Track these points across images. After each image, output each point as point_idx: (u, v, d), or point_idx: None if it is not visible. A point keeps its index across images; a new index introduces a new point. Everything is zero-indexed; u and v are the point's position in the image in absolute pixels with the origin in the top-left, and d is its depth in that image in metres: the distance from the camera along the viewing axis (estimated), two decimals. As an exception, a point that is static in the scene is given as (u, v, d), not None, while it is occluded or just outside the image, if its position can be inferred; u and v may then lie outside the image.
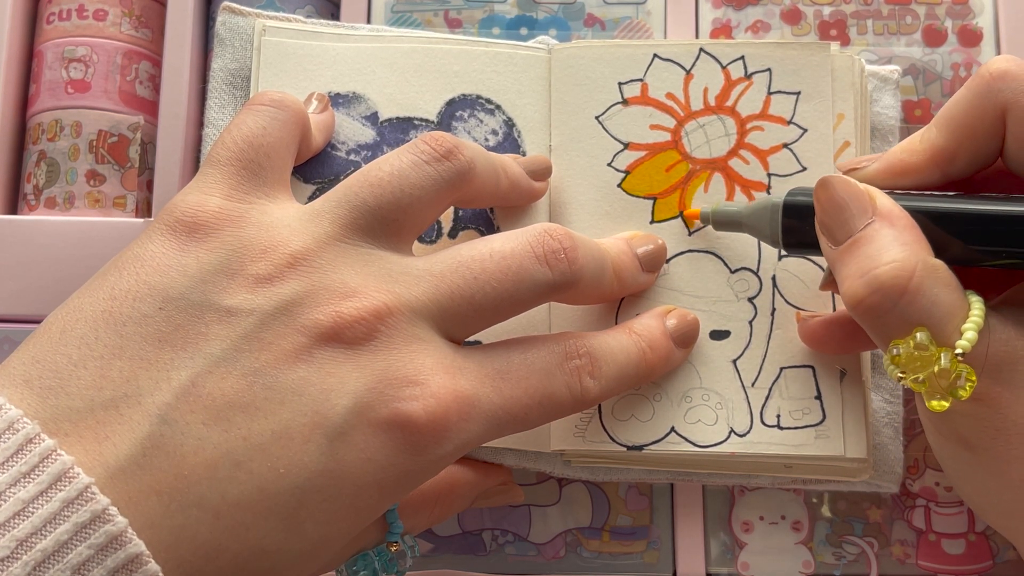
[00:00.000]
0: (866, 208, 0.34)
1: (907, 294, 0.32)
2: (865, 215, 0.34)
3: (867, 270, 0.33)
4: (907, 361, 0.32)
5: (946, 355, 0.32)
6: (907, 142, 0.37)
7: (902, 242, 0.33)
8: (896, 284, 0.32)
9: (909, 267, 0.32)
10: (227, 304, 0.31)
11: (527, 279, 0.34)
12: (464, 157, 0.35)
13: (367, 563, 0.37)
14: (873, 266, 0.33)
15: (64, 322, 0.30)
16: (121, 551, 0.27)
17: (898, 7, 0.48)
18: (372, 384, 0.31)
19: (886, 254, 0.33)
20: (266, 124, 0.35)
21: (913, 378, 0.32)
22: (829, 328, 0.40)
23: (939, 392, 0.32)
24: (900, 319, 0.32)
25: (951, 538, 0.44)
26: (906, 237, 0.33)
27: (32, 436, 0.27)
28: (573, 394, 0.35)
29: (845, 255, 0.34)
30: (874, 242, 0.33)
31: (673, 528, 0.44)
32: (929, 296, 0.32)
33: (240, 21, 0.44)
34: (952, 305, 0.32)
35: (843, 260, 0.34)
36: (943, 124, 0.36)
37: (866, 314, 0.33)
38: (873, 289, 0.32)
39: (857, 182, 0.35)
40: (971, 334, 0.32)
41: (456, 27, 0.48)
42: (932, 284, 0.32)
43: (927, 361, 0.32)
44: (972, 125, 0.35)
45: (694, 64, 0.43)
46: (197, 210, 0.33)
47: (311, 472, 0.30)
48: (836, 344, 0.40)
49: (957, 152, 0.36)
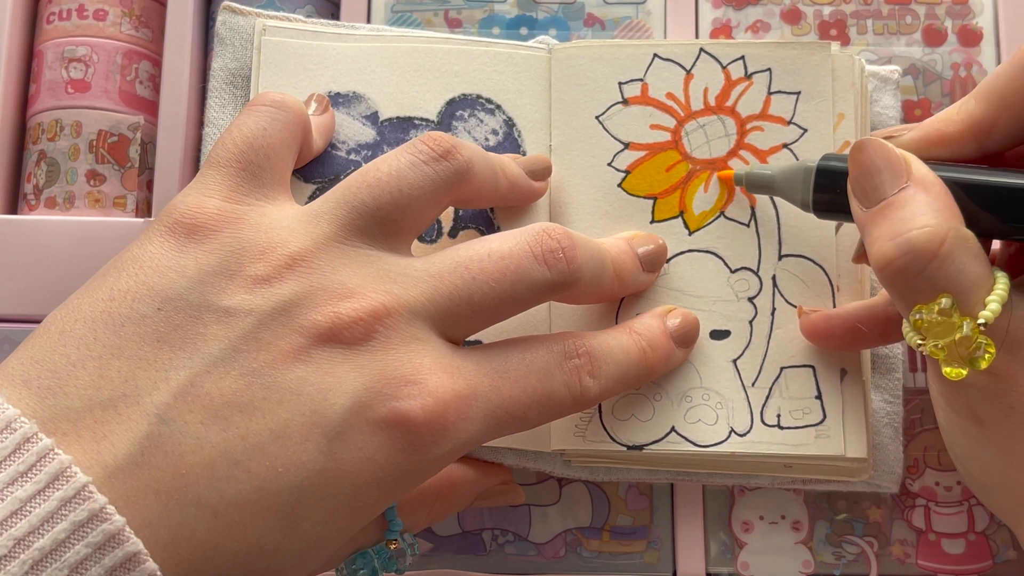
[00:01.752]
0: (901, 173, 0.34)
1: (936, 259, 0.32)
2: (900, 179, 0.34)
3: (899, 233, 0.32)
4: (929, 326, 0.32)
5: (968, 324, 0.32)
6: (945, 112, 0.37)
7: (935, 208, 0.33)
8: (927, 248, 0.32)
9: (941, 233, 0.32)
10: (225, 305, 0.31)
11: (525, 279, 0.34)
12: (462, 157, 0.35)
13: (366, 561, 0.37)
14: (905, 229, 0.32)
15: (63, 322, 0.30)
16: (119, 550, 0.27)
17: (898, 7, 0.47)
18: (370, 384, 0.31)
19: (919, 218, 0.32)
20: (266, 125, 0.35)
21: (933, 344, 0.32)
22: (830, 323, 0.40)
23: (957, 360, 0.32)
24: (927, 284, 0.32)
25: (951, 538, 0.44)
26: (939, 204, 0.33)
27: (30, 435, 0.27)
28: (572, 394, 0.35)
29: (877, 217, 0.34)
30: (907, 206, 0.33)
31: (673, 528, 0.44)
32: (958, 264, 0.32)
33: (240, 20, 0.44)
34: (979, 276, 0.32)
35: (874, 222, 0.34)
36: (983, 95, 0.36)
37: (894, 276, 0.33)
38: (904, 251, 0.32)
39: (894, 147, 0.35)
40: (995, 306, 0.31)
41: (456, 27, 0.48)
42: (962, 253, 0.32)
43: (949, 328, 0.32)
44: (1011, 97, 0.35)
45: (694, 64, 0.43)
46: (196, 211, 0.33)
47: (309, 471, 0.30)
48: (837, 340, 0.40)
49: (995, 124, 0.36)
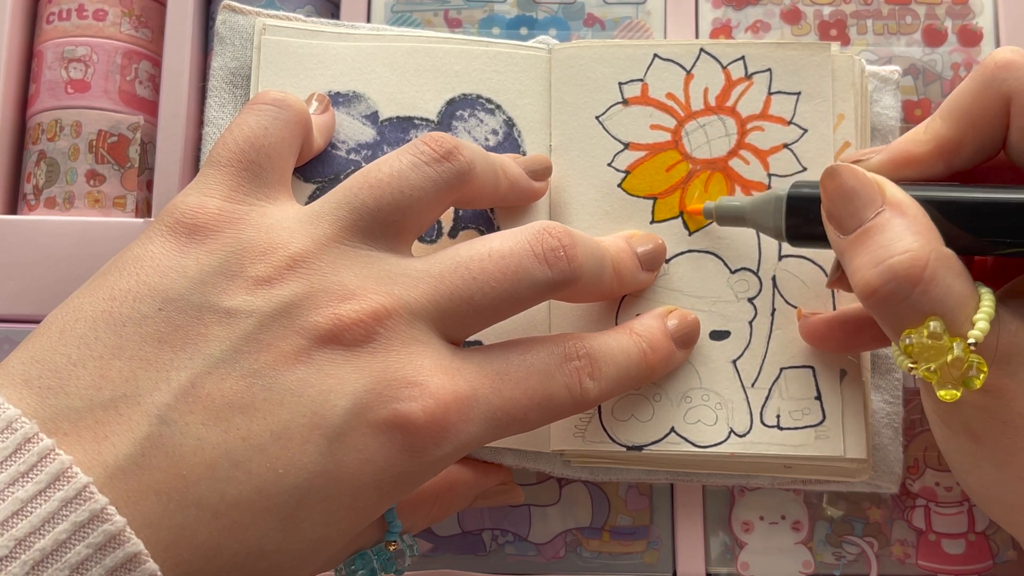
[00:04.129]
0: (875, 197, 0.34)
1: (921, 283, 0.32)
2: (875, 204, 0.34)
3: (881, 260, 0.32)
4: (920, 350, 0.32)
5: (959, 345, 0.31)
6: (911, 133, 0.37)
7: (914, 231, 0.33)
8: (911, 274, 0.32)
9: (923, 256, 0.32)
10: (226, 305, 0.31)
11: (526, 278, 0.34)
12: (464, 158, 0.35)
13: (365, 562, 0.37)
14: (887, 255, 0.32)
15: (64, 322, 0.30)
16: (119, 550, 0.27)
17: (898, 7, 0.47)
18: (371, 385, 0.31)
19: (899, 243, 0.32)
20: (268, 124, 0.35)
21: (925, 367, 0.32)
22: (830, 326, 0.40)
23: (951, 381, 0.32)
24: (913, 309, 0.32)
25: (951, 538, 0.44)
26: (917, 226, 0.33)
27: (31, 435, 0.27)
28: (573, 395, 0.35)
29: (856, 244, 0.34)
30: (886, 231, 0.33)
31: (673, 528, 0.44)
32: (942, 286, 0.32)
33: (240, 20, 0.44)
34: (964, 295, 0.32)
35: (854, 250, 0.34)
36: (947, 114, 0.36)
37: (880, 304, 0.33)
38: (887, 279, 0.32)
39: (865, 171, 0.35)
40: (983, 324, 0.31)
41: (456, 27, 0.48)
42: (945, 274, 0.32)
43: (940, 351, 0.32)
44: (977, 115, 0.35)
45: (694, 64, 0.43)
46: (197, 211, 0.33)
47: (310, 473, 0.30)
48: (837, 342, 0.40)
49: (962, 142, 0.36)
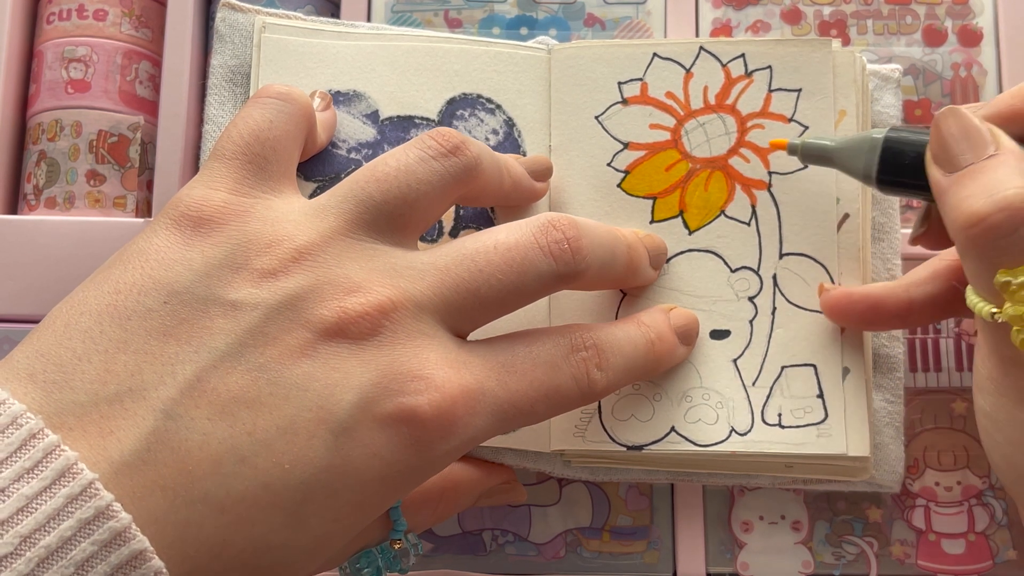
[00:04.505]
0: (989, 141, 0.33)
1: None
2: (989, 147, 0.33)
3: (994, 191, 0.32)
4: (1015, 290, 0.31)
5: None
6: (1017, 88, 0.36)
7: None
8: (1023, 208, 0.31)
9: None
10: (232, 298, 0.31)
11: (532, 271, 0.34)
12: (471, 153, 0.35)
13: (371, 560, 0.37)
14: (1002, 188, 0.32)
15: (68, 316, 0.30)
16: (125, 547, 0.27)
17: (898, 7, 0.48)
18: (377, 379, 0.31)
19: (1015, 179, 0.32)
20: (272, 117, 0.35)
21: (1016, 309, 0.31)
22: (851, 300, 0.40)
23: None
24: (1018, 246, 0.31)
25: (951, 538, 0.44)
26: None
27: (36, 431, 0.27)
28: (580, 386, 0.34)
29: (965, 179, 0.33)
30: (1000, 169, 0.32)
31: (673, 528, 0.44)
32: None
33: (240, 18, 0.44)
34: None
35: (962, 183, 0.33)
36: None
37: (984, 234, 0.32)
38: (1000, 207, 0.31)
39: (980, 120, 0.34)
40: None
41: (456, 27, 0.48)
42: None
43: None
44: None
45: (694, 63, 0.43)
46: (202, 204, 0.32)
47: (316, 468, 0.29)
48: (856, 317, 0.40)
49: None
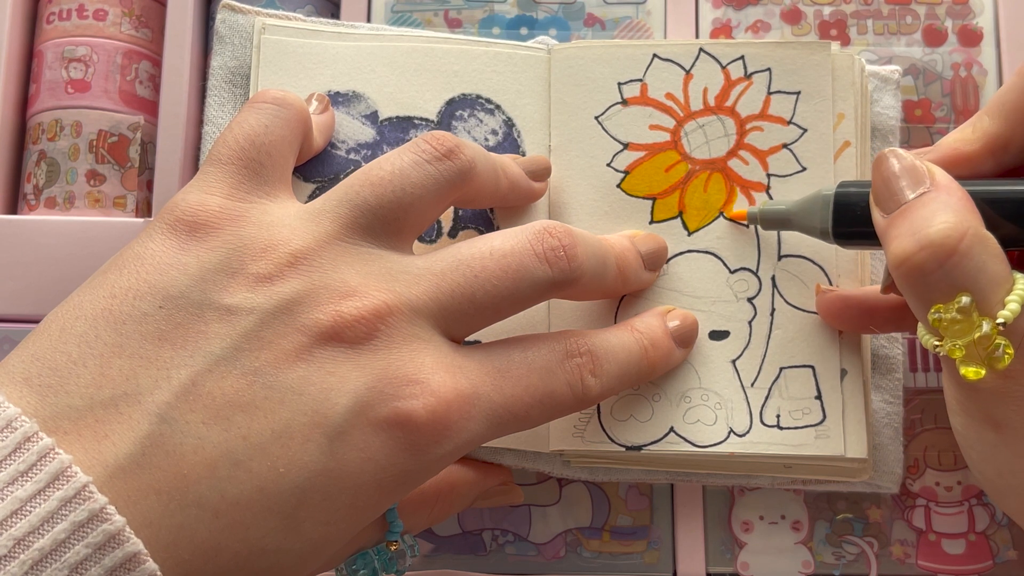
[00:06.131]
0: (923, 178, 0.34)
1: (955, 255, 0.31)
2: (922, 184, 0.34)
3: (918, 230, 0.32)
4: (947, 325, 0.32)
5: (988, 323, 0.31)
6: (959, 132, 0.37)
7: (955, 208, 0.32)
8: (946, 244, 0.31)
9: (960, 229, 0.32)
10: (227, 303, 0.31)
11: (527, 277, 0.34)
12: (465, 156, 0.35)
13: (367, 562, 0.37)
14: (925, 227, 0.32)
15: (64, 320, 0.30)
16: (119, 550, 0.27)
17: (898, 7, 0.48)
18: (372, 383, 0.31)
19: (939, 216, 0.32)
20: (268, 122, 0.35)
21: (952, 344, 0.32)
22: (847, 303, 0.40)
23: (976, 360, 0.31)
24: (945, 281, 0.32)
25: (951, 538, 0.44)
26: (959, 205, 0.33)
27: (30, 434, 0.27)
28: (574, 392, 0.35)
29: (898, 218, 0.33)
30: (927, 207, 0.33)
31: (673, 528, 0.44)
32: (977, 262, 0.31)
33: (240, 19, 0.44)
34: (998, 275, 0.32)
35: (895, 223, 0.33)
36: (996, 112, 0.36)
37: (911, 272, 0.32)
38: (922, 246, 0.32)
39: (915, 157, 0.35)
40: (1015, 306, 0.31)
41: (456, 27, 0.48)
42: (981, 251, 0.32)
43: (967, 327, 0.31)
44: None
45: (694, 64, 0.43)
46: (198, 209, 0.33)
47: (311, 471, 0.30)
48: (852, 320, 0.40)
49: (1011, 139, 0.35)
